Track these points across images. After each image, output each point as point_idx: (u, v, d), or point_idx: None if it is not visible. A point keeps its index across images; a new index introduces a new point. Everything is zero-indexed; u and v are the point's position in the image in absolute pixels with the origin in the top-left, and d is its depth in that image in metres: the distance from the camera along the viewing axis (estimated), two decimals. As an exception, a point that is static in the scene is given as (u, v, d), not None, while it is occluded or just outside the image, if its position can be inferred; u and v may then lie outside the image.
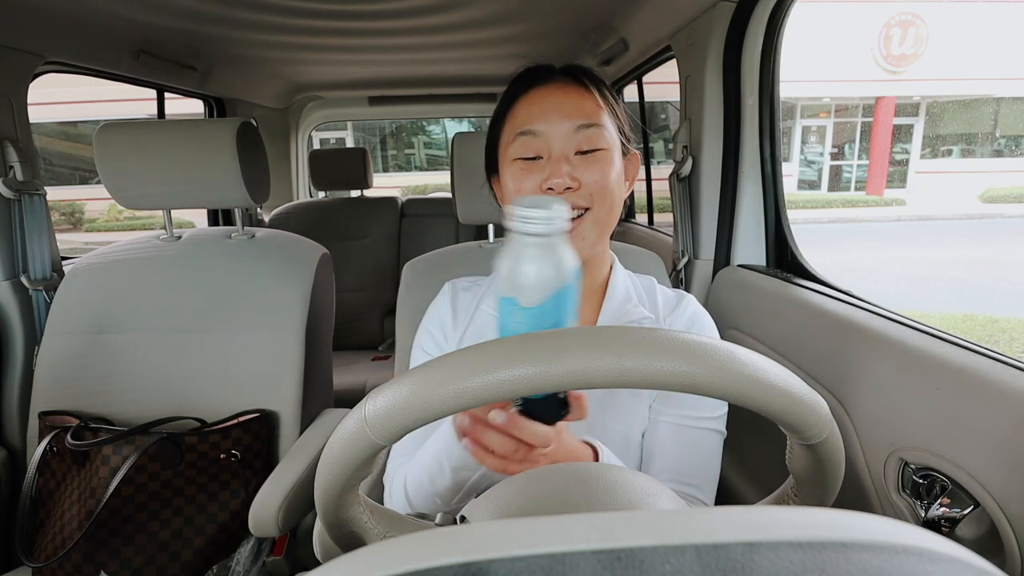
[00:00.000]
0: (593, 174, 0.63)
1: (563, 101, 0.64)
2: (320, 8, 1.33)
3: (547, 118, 0.64)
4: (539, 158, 0.65)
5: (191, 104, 2.05)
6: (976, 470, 0.59)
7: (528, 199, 0.42)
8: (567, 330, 0.36)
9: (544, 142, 0.64)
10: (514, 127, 0.66)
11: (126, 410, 1.09)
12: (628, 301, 0.73)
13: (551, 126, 0.64)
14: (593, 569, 0.18)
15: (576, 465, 0.45)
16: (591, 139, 0.64)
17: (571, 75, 0.67)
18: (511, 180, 0.67)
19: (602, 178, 0.64)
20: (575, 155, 0.64)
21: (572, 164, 0.64)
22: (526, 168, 0.65)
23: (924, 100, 12.72)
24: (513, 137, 0.66)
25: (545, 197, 0.44)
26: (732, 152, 1.20)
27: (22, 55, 1.17)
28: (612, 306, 0.72)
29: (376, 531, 0.45)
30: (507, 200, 0.69)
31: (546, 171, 0.63)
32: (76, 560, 0.93)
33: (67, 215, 11.28)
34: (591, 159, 0.64)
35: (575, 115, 0.64)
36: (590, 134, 0.64)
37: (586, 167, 0.64)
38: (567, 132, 0.64)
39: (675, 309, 0.74)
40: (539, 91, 0.66)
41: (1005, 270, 6.69)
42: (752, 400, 0.34)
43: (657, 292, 0.76)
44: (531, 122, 0.65)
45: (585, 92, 0.65)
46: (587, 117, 0.64)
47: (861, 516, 0.21)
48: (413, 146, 14.93)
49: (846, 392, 0.80)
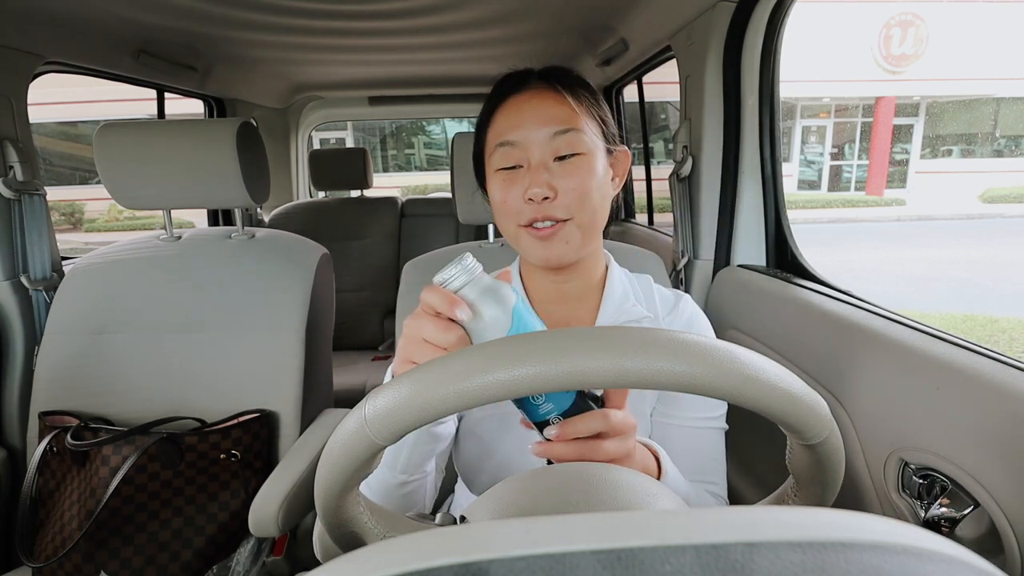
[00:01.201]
0: (571, 182, 0.64)
1: (538, 108, 0.66)
2: (320, 8, 1.33)
3: (523, 127, 0.65)
4: (519, 167, 0.66)
5: (191, 104, 2.05)
6: (976, 470, 0.59)
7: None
8: (567, 330, 0.36)
9: (523, 151, 0.65)
10: (494, 138, 0.68)
11: (126, 410, 1.09)
12: (626, 300, 0.73)
13: (528, 134, 0.65)
14: (593, 569, 0.18)
15: (576, 465, 0.45)
16: (569, 143, 0.65)
17: (546, 80, 0.68)
18: (496, 193, 0.68)
19: (579, 186, 0.65)
20: (554, 162, 0.65)
21: (551, 172, 0.65)
22: (508, 179, 0.67)
23: (924, 100, 12.73)
24: (494, 148, 0.68)
25: (455, 257, 0.48)
26: (732, 152, 1.20)
27: (22, 55, 1.17)
28: (610, 305, 0.72)
29: (376, 531, 0.45)
30: (495, 214, 0.71)
31: (527, 180, 0.65)
32: (76, 560, 0.93)
33: (67, 215, 11.29)
34: (569, 166, 0.65)
35: (550, 122, 0.65)
36: (568, 139, 0.65)
37: (564, 175, 0.65)
38: (544, 139, 0.65)
39: (673, 309, 0.75)
40: (516, 99, 0.67)
41: (1005, 270, 6.69)
42: (752, 400, 0.34)
43: (654, 291, 0.76)
44: (508, 132, 0.66)
45: (559, 97, 0.66)
46: (562, 123, 0.65)
47: (861, 516, 0.21)
48: (413, 146, 14.93)
49: (846, 392, 0.80)
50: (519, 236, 0.68)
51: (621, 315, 0.72)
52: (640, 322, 0.71)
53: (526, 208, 0.65)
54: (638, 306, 0.72)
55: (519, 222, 0.66)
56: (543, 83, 0.67)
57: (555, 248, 0.66)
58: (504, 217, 0.69)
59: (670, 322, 0.74)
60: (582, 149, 0.65)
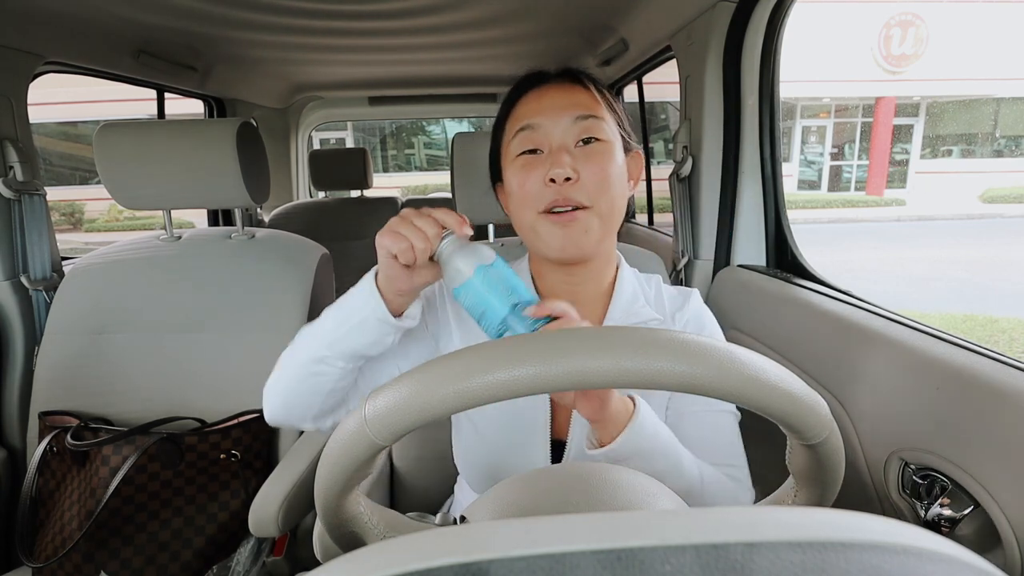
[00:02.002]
0: (592, 167, 0.64)
1: (560, 96, 0.66)
2: (320, 8, 1.33)
3: (545, 112, 0.65)
4: (539, 151, 0.66)
5: (191, 104, 2.05)
6: (976, 470, 0.59)
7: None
8: (568, 330, 0.36)
9: (544, 135, 0.65)
10: (513, 126, 0.68)
11: (126, 410, 1.09)
12: (635, 301, 0.72)
13: (549, 119, 0.65)
14: (593, 569, 0.18)
15: (576, 465, 0.45)
16: (590, 129, 0.65)
17: (568, 75, 0.69)
18: (515, 178, 0.67)
19: (601, 171, 0.64)
20: (576, 147, 0.65)
21: (573, 155, 0.64)
22: (527, 164, 0.66)
23: (924, 100, 12.73)
24: (514, 134, 0.67)
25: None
26: (732, 152, 1.20)
27: (22, 55, 1.17)
28: (619, 306, 0.72)
29: (376, 531, 0.45)
30: (511, 206, 0.70)
31: (547, 163, 0.64)
32: (76, 560, 0.93)
33: (67, 215, 11.29)
34: (591, 152, 0.65)
35: (572, 108, 0.65)
36: (588, 124, 0.65)
37: (586, 160, 0.64)
38: (566, 124, 0.65)
39: (683, 307, 0.74)
40: (537, 91, 0.68)
41: (1005, 270, 6.69)
42: (752, 400, 0.34)
43: (663, 291, 0.76)
44: (529, 116, 0.66)
45: (581, 88, 0.67)
46: (585, 109, 0.65)
47: (861, 516, 0.21)
48: (413, 146, 14.93)
49: (846, 392, 0.80)
50: (536, 225, 0.65)
51: (630, 316, 0.71)
52: (648, 323, 0.71)
53: (546, 192, 0.64)
54: (647, 308, 0.72)
55: (538, 208, 0.64)
56: (564, 77, 0.68)
57: (574, 235, 0.64)
58: (521, 205, 0.67)
59: (680, 320, 0.73)
60: (604, 136, 0.65)
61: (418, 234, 0.55)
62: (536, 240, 0.67)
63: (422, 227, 0.55)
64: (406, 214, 0.57)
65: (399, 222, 0.56)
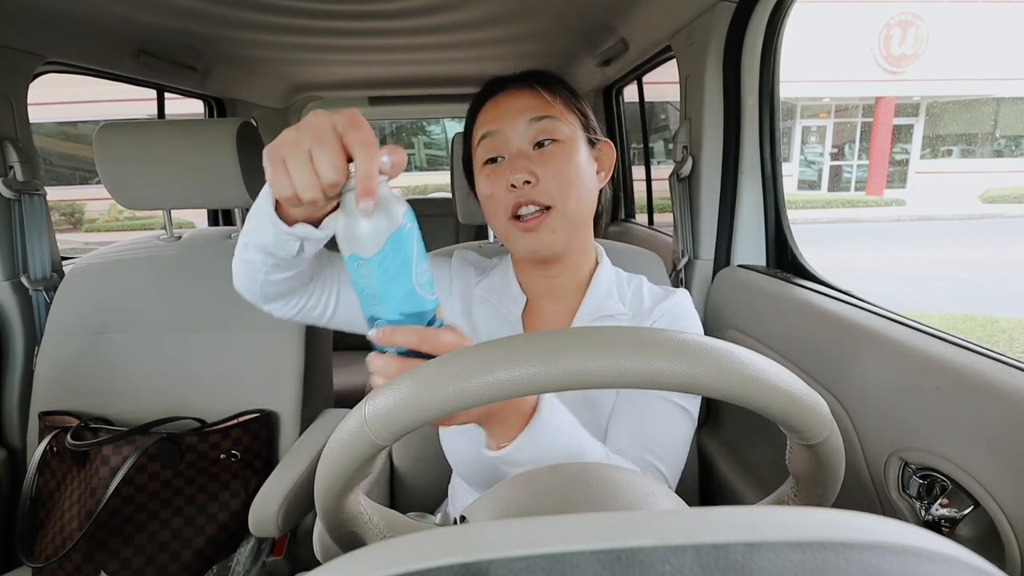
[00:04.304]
0: (551, 168, 0.66)
1: (514, 100, 0.69)
2: (320, 8, 1.33)
3: (502, 118, 0.69)
4: (501, 158, 0.69)
5: (191, 104, 2.05)
6: (976, 470, 0.59)
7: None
8: (568, 330, 0.36)
9: (503, 141, 0.69)
10: (478, 133, 0.71)
11: (126, 410, 1.09)
12: (608, 298, 0.73)
13: (507, 124, 0.68)
14: (593, 569, 0.18)
15: (576, 465, 0.45)
16: (546, 130, 0.68)
17: (522, 79, 0.71)
18: (482, 187, 0.71)
19: (559, 172, 0.66)
20: (533, 150, 0.68)
21: (530, 159, 0.67)
22: (491, 173, 0.69)
23: (924, 100, 12.73)
24: (477, 143, 0.71)
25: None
26: (732, 152, 1.20)
27: (22, 55, 1.17)
28: (591, 302, 0.73)
29: (376, 531, 0.45)
30: (485, 213, 0.73)
31: (508, 168, 0.67)
32: (76, 560, 0.93)
33: (67, 215, 11.29)
34: (548, 153, 0.67)
35: (526, 111, 0.68)
36: (544, 126, 0.67)
37: (544, 161, 0.67)
38: (521, 127, 0.67)
39: (659, 304, 0.73)
40: (495, 98, 0.71)
41: (1005, 270, 6.69)
42: (752, 400, 0.34)
43: (644, 290, 0.76)
44: (488, 124, 0.69)
45: (533, 91, 0.69)
46: (538, 111, 0.68)
47: (861, 516, 0.21)
48: (413, 146, 14.93)
49: (846, 392, 0.80)
50: (507, 231, 0.69)
51: (599, 311, 0.72)
52: (615, 318, 0.72)
53: (510, 196, 0.67)
54: (618, 304, 0.73)
55: (507, 215, 0.68)
56: (519, 83, 0.71)
57: (541, 238, 0.67)
58: (493, 212, 0.70)
59: (656, 315, 0.72)
60: (559, 136, 0.68)
61: (308, 179, 0.41)
62: (509, 245, 0.71)
63: (319, 165, 0.40)
64: (308, 126, 0.41)
65: (292, 146, 0.41)
